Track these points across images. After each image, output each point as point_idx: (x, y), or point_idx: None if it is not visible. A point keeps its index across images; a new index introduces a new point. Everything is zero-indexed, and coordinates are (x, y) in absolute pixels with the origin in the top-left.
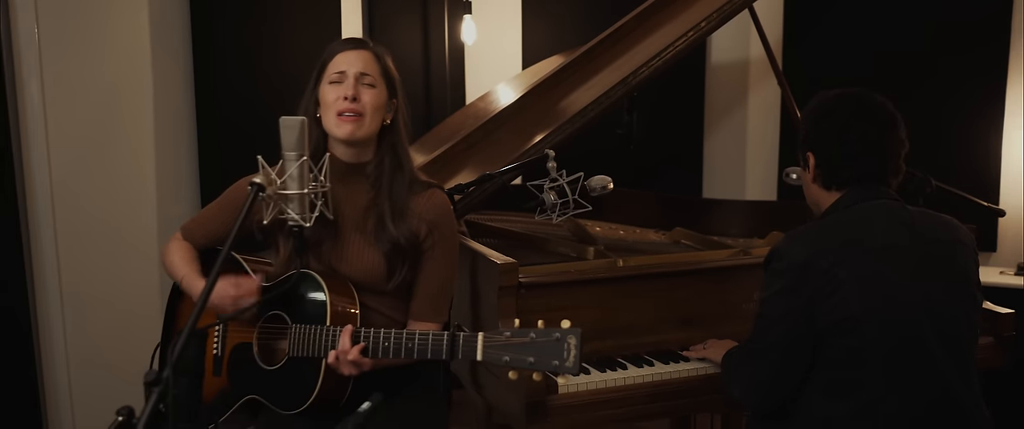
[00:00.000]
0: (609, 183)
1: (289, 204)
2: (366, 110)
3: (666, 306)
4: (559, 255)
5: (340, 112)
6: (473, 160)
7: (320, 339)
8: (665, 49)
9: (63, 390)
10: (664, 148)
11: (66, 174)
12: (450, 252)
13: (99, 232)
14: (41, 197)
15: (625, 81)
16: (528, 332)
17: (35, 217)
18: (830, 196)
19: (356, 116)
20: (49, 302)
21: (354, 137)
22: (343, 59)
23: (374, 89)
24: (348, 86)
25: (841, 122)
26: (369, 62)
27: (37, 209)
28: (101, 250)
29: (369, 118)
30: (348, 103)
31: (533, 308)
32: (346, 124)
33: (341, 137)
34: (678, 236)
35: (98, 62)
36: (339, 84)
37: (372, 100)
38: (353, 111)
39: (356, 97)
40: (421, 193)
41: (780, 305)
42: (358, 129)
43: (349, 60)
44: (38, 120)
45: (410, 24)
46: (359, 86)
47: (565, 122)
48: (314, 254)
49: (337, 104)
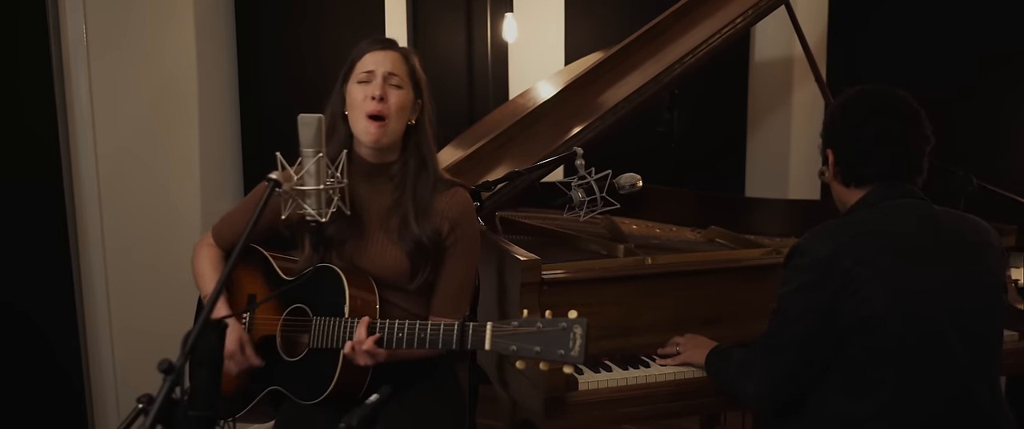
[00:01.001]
0: (638, 181)
1: (305, 200)
2: (391, 112)
3: (692, 305)
4: (589, 252)
5: (369, 113)
6: (506, 157)
7: (339, 331)
8: (699, 46)
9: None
10: (706, 146)
11: (112, 172)
12: (471, 250)
13: (145, 229)
14: (88, 195)
15: (658, 78)
16: (535, 321)
17: (82, 215)
18: (852, 193)
19: (382, 122)
20: (95, 301)
21: (380, 144)
22: (371, 59)
23: (401, 90)
24: (376, 86)
25: (860, 117)
26: (397, 63)
27: (84, 207)
28: (147, 248)
29: (394, 121)
30: (375, 103)
31: (556, 304)
32: (373, 131)
33: (368, 143)
34: (713, 235)
35: (145, 61)
36: (367, 84)
37: (398, 101)
38: (379, 112)
39: (384, 97)
40: (444, 192)
41: (800, 302)
42: (383, 136)
43: (377, 60)
44: (86, 119)
45: (453, 22)
46: (387, 86)
47: (596, 119)
48: (337, 251)
49: (365, 104)
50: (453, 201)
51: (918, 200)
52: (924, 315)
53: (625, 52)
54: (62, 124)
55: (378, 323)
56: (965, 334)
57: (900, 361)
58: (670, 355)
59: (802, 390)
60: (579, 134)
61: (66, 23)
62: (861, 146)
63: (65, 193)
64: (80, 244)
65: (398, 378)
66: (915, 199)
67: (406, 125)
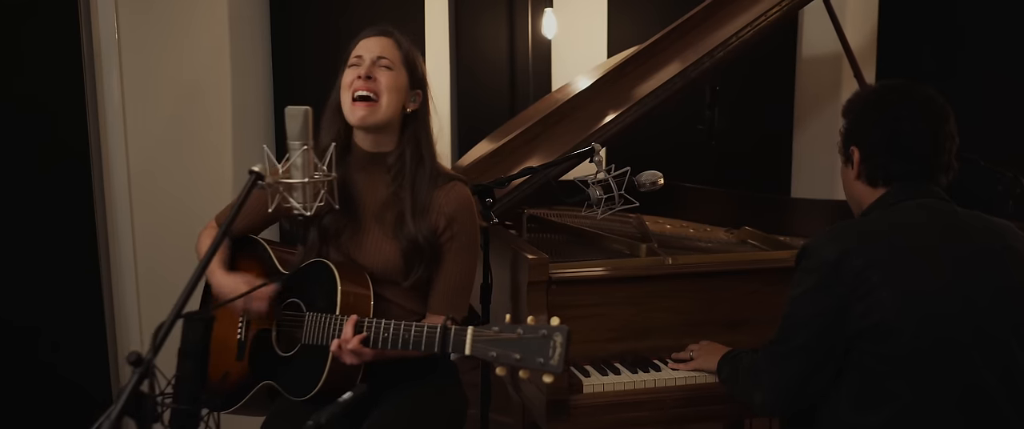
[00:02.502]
0: (659, 179)
1: (292, 193)
2: (380, 91)
3: (711, 307)
4: (612, 252)
5: (354, 91)
6: (533, 153)
7: (329, 327)
8: (730, 39)
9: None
10: (750, 144)
11: (144, 171)
12: (468, 247)
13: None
14: (119, 194)
15: (685, 73)
16: (516, 328)
17: (113, 214)
18: (874, 193)
19: (369, 101)
20: (126, 299)
21: (366, 123)
22: (363, 45)
23: (391, 71)
24: (364, 66)
25: (888, 113)
26: (388, 47)
27: (115, 206)
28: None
29: (384, 101)
30: (362, 82)
31: (565, 304)
32: (359, 109)
33: (354, 123)
34: (745, 235)
35: (177, 59)
36: (356, 66)
37: (388, 82)
38: (366, 90)
39: (370, 76)
40: (442, 186)
41: (809, 305)
42: (371, 114)
43: (368, 45)
44: (117, 117)
45: (495, 18)
46: (376, 67)
47: (620, 114)
48: (334, 243)
49: (352, 85)
50: (450, 196)
51: (939, 201)
52: (939, 323)
53: (656, 46)
54: (93, 123)
55: (366, 321)
56: (985, 344)
57: (914, 371)
58: (684, 360)
59: (813, 399)
60: (603, 129)
61: (98, 20)
62: (892, 143)
63: (95, 192)
64: (110, 244)
65: (394, 377)
66: (935, 200)
67: (403, 112)
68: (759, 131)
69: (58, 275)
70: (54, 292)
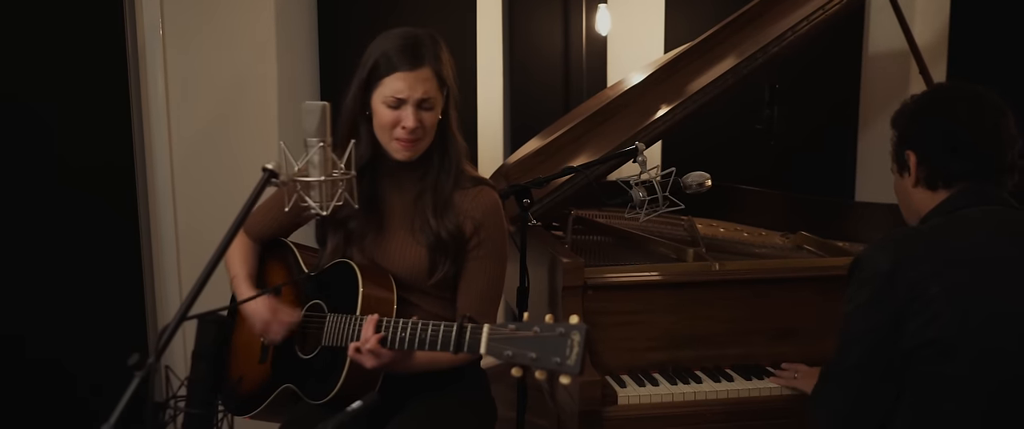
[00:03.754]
0: (706, 180)
1: (308, 191)
2: (425, 134)
3: (758, 316)
4: (658, 256)
5: (401, 142)
6: (579, 152)
7: (349, 329)
8: (785, 34)
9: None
10: (812, 145)
11: (187, 170)
12: (496, 253)
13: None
14: (162, 194)
15: (737, 69)
16: (532, 326)
17: (156, 215)
18: (934, 198)
19: (413, 143)
20: (169, 302)
21: (412, 160)
22: (403, 82)
23: (433, 111)
24: (408, 116)
25: (943, 110)
26: (429, 83)
27: (157, 207)
28: None
29: (426, 139)
30: (407, 134)
31: (601, 310)
32: (404, 150)
33: (399, 159)
34: (800, 241)
35: (222, 58)
36: (396, 110)
37: (431, 122)
38: (410, 140)
39: (417, 125)
40: (468, 189)
41: (862, 321)
42: (415, 153)
43: (410, 84)
44: (160, 114)
45: (549, 14)
46: (417, 112)
47: (668, 111)
48: (358, 246)
49: (395, 131)
50: (478, 201)
51: (1005, 207)
52: (1004, 341)
53: (710, 41)
54: (136, 121)
55: (384, 321)
56: None
57: (975, 394)
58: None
59: (875, 423)
60: (650, 127)
61: (142, 16)
62: (946, 140)
63: (138, 193)
64: (153, 245)
65: (418, 386)
66: (1001, 206)
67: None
68: (821, 131)
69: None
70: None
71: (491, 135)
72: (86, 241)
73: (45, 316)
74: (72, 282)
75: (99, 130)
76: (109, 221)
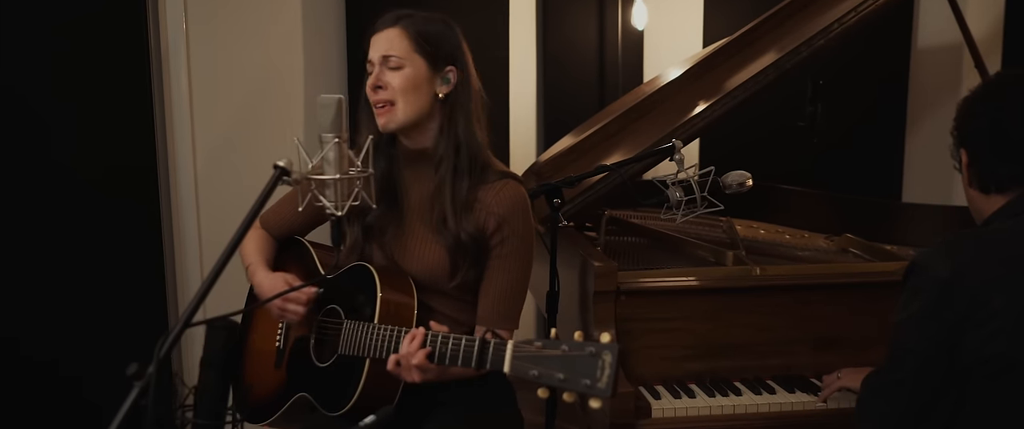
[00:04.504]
0: (747, 180)
1: (324, 190)
2: (395, 96)
3: (802, 324)
4: (696, 259)
5: (372, 103)
6: (613, 150)
7: (366, 338)
8: (831, 26)
9: None
10: (857, 142)
11: (211, 170)
12: (521, 251)
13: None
14: (185, 194)
15: (779, 63)
16: (560, 344)
17: (178, 216)
18: (991, 201)
19: (386, 106)
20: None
21: (387, 129)
22: (372, 45)
23: (400, 70)
24: (373, 74)
25: (990, 106)
26: (395, 40)
27: (181, 207)
28: None
29: (401, 103)
30: (375, 95)
31: (635, 316)
32: (380, 116)
33: (379, 129)
34: (846, 243)
35: (247, 53)
36: (371, 74)
37: (400, 83)
38: (380, 101)
39: (379, 85)
40: (492, 183)
41: (915, 331)
42: (390, 121)
43: (376, 45)
44: (184, 113)
45: (584, 7)
46: (383, 71)
47: (706, 108)
48: (378, 244)
49: (370, 97)
50: (502, 195)
51: None
52: None
53: (751, 34)
54: (159, 119)
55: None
56: None
57: None
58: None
59: None
60: (687, 124)
61: (165, 12)
62: (1000, 142)
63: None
64: (176, 246)
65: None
66: None
67: (434, 100)
68: (867, 128)
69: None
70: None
71: (524, 131)
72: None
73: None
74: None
75: (120, 130)
76: (131, 223)
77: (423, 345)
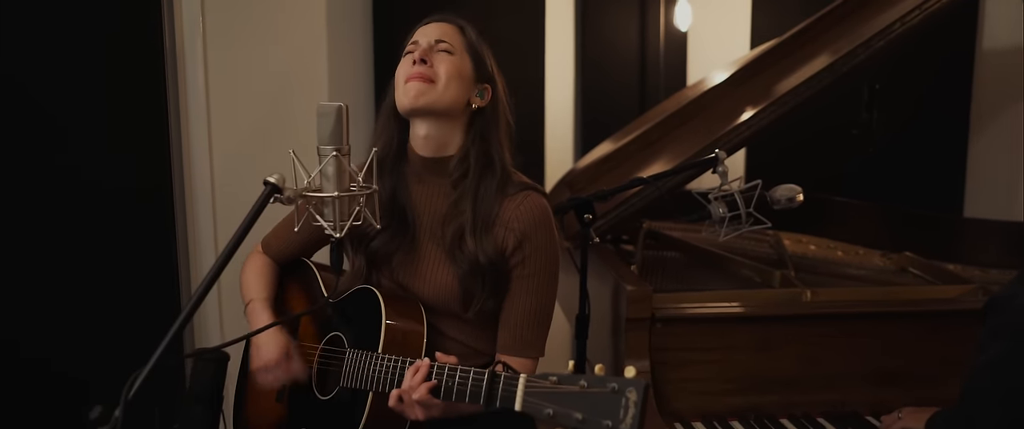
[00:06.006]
0: (797, 194)
1: (322, 208)
2: (438, 76)
3: (858, 356)
4: (739, 278)
5: (408, 77)
6: (652, 160)
7: (369, 369)
8: (892, 26)
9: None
10: (914, 152)
11: (229, 177)
12: (545, 269)
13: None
14: (201, 202)
15: (834, 66)
16: (579, 379)
17: (194, 224)
18: None
19: (426, 81)
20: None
21: (418, 103)
22: (421, 31)
23: (452, 56)
24: (418, 51)
25: None
26: (449, 31)
27: (196, 215)
28: None
29: (442, 85)
30: (417, 67)
31: (671, 346)
32: (412, 87)
33: (406, 105)
34: (905, 262)
35: (267, 53)
36: (411, 54)
37: (448, 67)
38: (422, 75)
39: (426, 60)
40: (511, 196)
41: (998, 378)
42: (423, 95)
43: (426, 31)
44: (200, 116)
45: (625, 7)
46: (432, 51)
47: (752, 116)
48: (385, 266)
49: (406, 73)
50: (523, 209)
51: None
52: None
53: (803, 35)
54: (174, 123)
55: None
56: None
57: None
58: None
59: None
60: (732, 132)
61: (181, 9)
62: None
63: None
64: (191, 256)
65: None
66: None
67: (467, 108)
68: (927, 137)
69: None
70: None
71: (560, 135)
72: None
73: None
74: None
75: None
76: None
77: (428, 378)
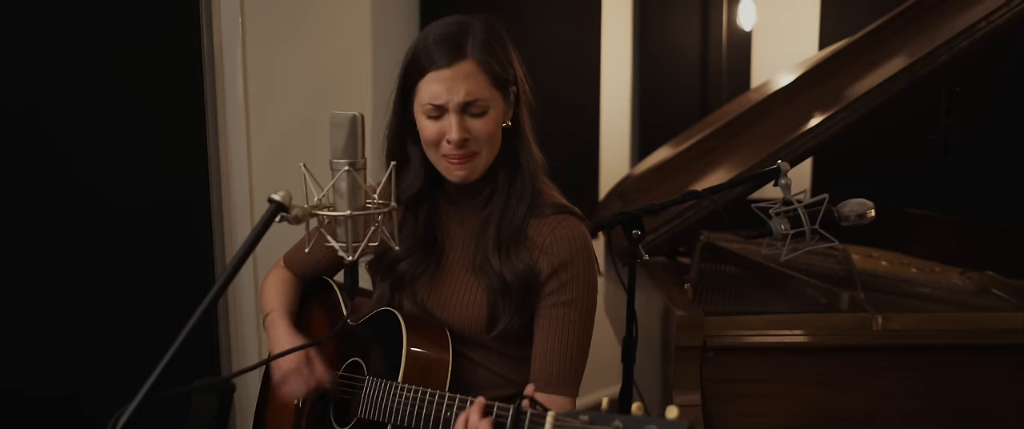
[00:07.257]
0: (868, 210)
1: (334, 228)
2: (480, 147)
3: (935, 391)
4: (802, 298)
5: (447, 157)
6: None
7: (388, 400)
8: (977, 24)
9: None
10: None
11: (268, 183)
12: (583, 302)
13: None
14: (239, 208)
15: (912, 69)
16: (613, 419)
17: (231, 232)
18: None
19: (467, 160)
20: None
21: (470, 181)
22: (439, 84)
23: (487, 115)
24: (452, 127)
25: None
26: (473, 80)
27: (234, 222)
28: None
29: (486, 151)
30: (454, 150)
31: (725, 377)
32: (457, 170)
33: (453, 181)
34: (987, 283)
35: (310, 54)
36: (438, 120)
37: (489, 129)
38: (462, 159)
39: (464, 139)
40: (547, 218)
41: None
42: (473, 172)
43: (447, 85)
44: (239, 121)
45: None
46: (465, 120)
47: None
48: (408, 291)
49: (442, 148)
50: (558, 234)
51: None
52: None
53: (877, 34)
54: (211, 128)
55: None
56: None
57: None
58: None
59: None
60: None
61: (219, 10)
62: None
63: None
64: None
65: None
66: None
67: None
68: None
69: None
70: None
71: (617, 138)
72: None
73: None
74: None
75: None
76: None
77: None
